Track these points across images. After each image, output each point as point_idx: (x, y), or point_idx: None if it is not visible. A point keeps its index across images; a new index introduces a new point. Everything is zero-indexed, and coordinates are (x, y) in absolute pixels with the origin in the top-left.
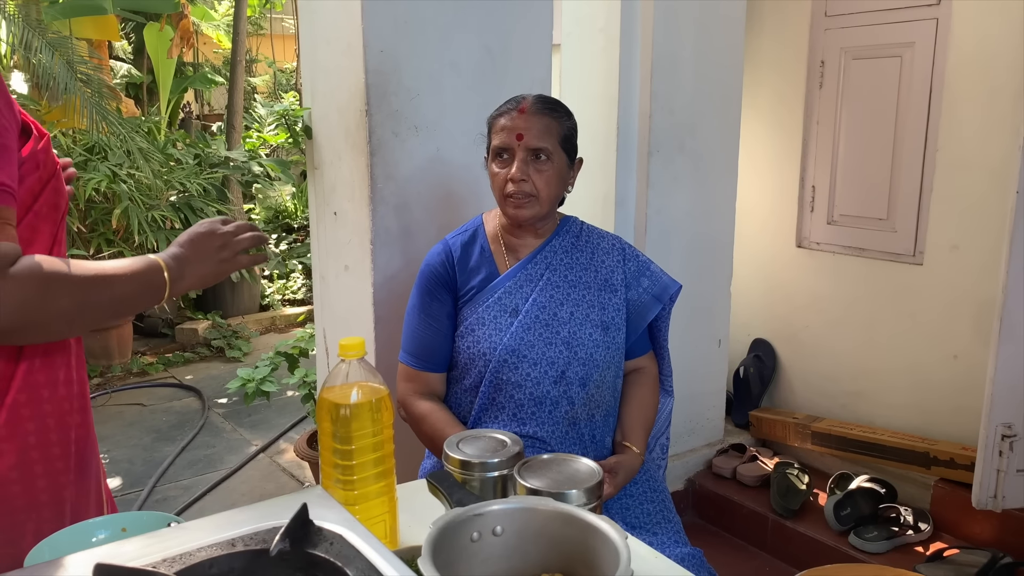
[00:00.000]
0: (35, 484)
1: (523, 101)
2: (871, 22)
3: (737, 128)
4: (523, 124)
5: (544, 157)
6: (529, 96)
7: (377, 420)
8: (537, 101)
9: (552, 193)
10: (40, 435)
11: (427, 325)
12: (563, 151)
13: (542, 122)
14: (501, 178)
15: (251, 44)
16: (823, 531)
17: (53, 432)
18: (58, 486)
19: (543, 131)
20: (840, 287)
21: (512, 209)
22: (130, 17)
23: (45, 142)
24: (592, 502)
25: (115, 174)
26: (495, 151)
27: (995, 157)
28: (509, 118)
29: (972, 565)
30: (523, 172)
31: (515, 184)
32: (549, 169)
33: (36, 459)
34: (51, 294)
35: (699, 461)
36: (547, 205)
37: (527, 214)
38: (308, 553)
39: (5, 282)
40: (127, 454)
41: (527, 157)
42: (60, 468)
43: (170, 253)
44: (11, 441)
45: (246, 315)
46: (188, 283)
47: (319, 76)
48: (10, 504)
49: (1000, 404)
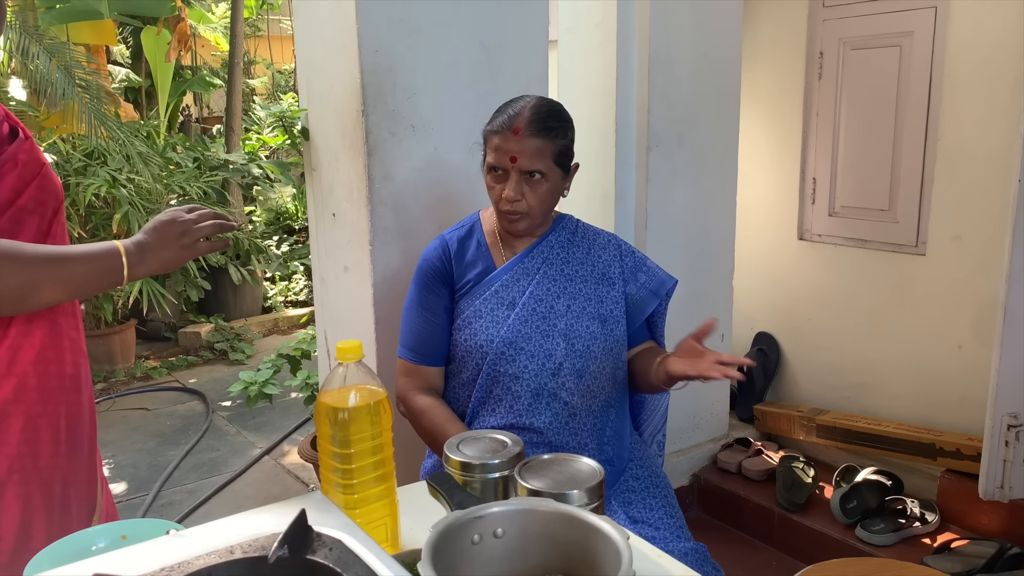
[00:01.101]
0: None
1: (517, 120)
2: (870, 12)
3: (736, 121)
4: (516, 147)
5: (538, 176)
6: (524, 111)
7: (376, 423)
8: (532, 121)
9: (546, 207)
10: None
11: (425, 319)
12: (557, 166)
13: (535, 145)
14: (496, 193)
15: (249, 46)
16: (830, 524)
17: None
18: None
19: (536, 154)
20: (843, 279)
21: (506, 223)
22: (127, 21)
23: (28, 143)
24: (593, 502)
25: (115, 179)
26: (490, 166)
27: (996, 146)
28: (503, 139)
29: (980, 556)
30: (517, 192)
31: (510, 203)
32: (543, 187)
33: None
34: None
35: (704, 456)
36: (540, 217)
37: (521, 227)
38: (307, 559)
39: None
40: (132, 459)
41: (520, 178)
42: (49, 438)
43: (133, 239)
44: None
45: (249, 317)
46: (149, 267)
47: (315, 77)
48: None
49: (1005, 394)
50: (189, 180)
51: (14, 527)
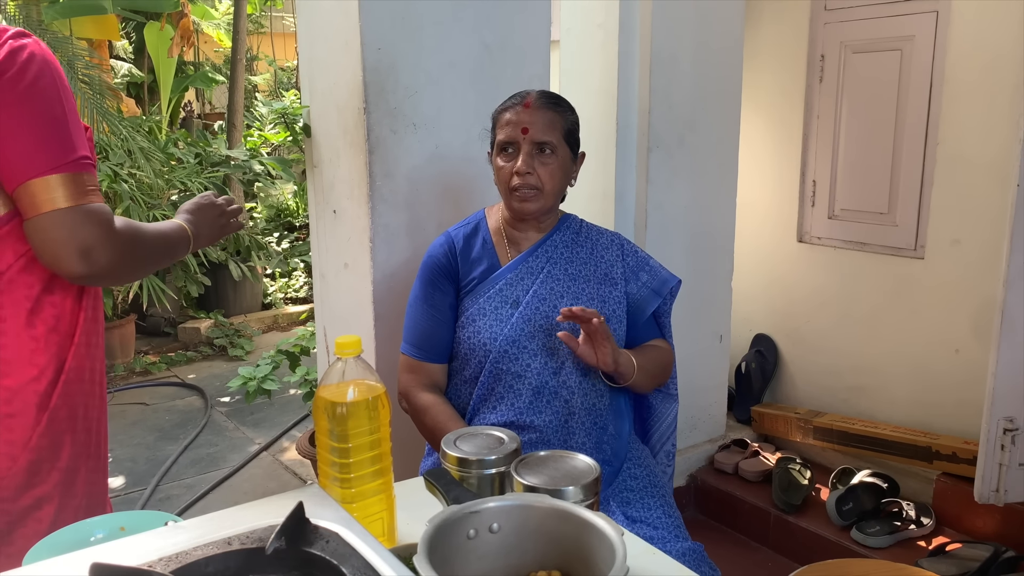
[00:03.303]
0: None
1: (528, 96)
2: (871, 15)
3: (737, 123)
4: (528, 118)
5: (549, 151)
6: (533, 91)
7: (374, 418)
8: (541, 96)
9: (556, 186)
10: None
11: (429, 315)
12: (567, 144)
13: (547, 116)
14: (506, 172)
15: (252, 42)
16: (825, 526)
17: (97, 373)
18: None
19: (548, 125)
20: (841, 282)
21: (517, 203)
22: (130, 16)
23: (90, 133)
24: (589, 499)
25: (116, 174)
26: (500, 145)
27: (996, 150)
28: (514, 112)
29: (974, 559)
30: (528, 165)
31: (520, 177)
32: (553, 162)
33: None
34: (137, 247)
35: (701, 457)
36: (551, 198)
37: (532, 207)
38: (304, 551)
39: (113, 235)
40: (130, 453)
41: (532, 151)
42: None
43: (185, 219)
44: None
45: (248, 313)
46: (200, 243)
47: (317, 74)
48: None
49: (1001, 398)
50: (190, 176)
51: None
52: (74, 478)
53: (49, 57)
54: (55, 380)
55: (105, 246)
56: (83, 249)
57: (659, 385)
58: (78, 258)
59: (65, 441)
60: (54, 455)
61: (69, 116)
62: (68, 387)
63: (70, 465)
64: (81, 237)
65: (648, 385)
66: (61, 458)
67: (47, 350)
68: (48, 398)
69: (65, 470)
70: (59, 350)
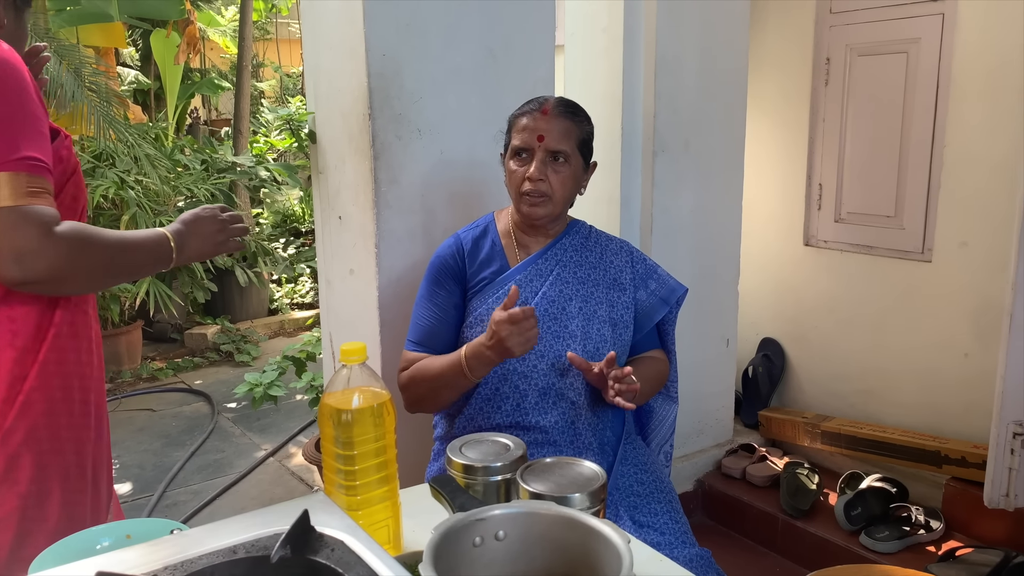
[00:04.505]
0: (60, 435)
1: (546, 103)
2: (876, 18)
3: (742, 126)
4: (544, 126)
5: (562, 159)
6: (551, 98)
7: (379, 425)
8: (559, 104)
9: (566, 194)
10: (65, 392)
11: (432, 313)
12: (580, 154)
13: (563, 125)
14: (519, 176)
15: (257, 49)
16: (834, 531)
17: (76, 392)
18: (81, 440)
19: (563, 134)
20: (848, 285)
21: (527, 207)
22: (137, 24)
23: (68, 141)
24: (595, 505)
25: (123, 180)
26: (514, 150)
27: (1003, 152)
28: (531, 119)
29: (985, 564)
30: (541, 172)
31: (532, 183)
32: (566, 171)
33: (61, 411)
34: (86, 253)
35: (708, 461)
36: (560, 205)
37: (541, 212)
38: (309, 560)
39: (52, 239)
40: (137, 459)
41: (546, 158)
42: (80, 424)
43: (175, 229)
44: (41, 391)
45: (255, 319)
46: (187, 256)
47: (322, 80)
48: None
49: (1011, 402)
50: (197, 182)
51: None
52: (42, 502)
53: (4, 56)
54: (9, 399)
55: (41, 251)
56: (17, 253)
57: (653, 396)
58: (11, 262)
59: (22, 464)
60: (8, 478)
61: (20, 117)
62: (29, 407)
63: (34, 489)
64: (14, 240)
65: (644, 400)
66: (19, 481)
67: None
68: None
69: (25, 495)
70: (15, 367)
